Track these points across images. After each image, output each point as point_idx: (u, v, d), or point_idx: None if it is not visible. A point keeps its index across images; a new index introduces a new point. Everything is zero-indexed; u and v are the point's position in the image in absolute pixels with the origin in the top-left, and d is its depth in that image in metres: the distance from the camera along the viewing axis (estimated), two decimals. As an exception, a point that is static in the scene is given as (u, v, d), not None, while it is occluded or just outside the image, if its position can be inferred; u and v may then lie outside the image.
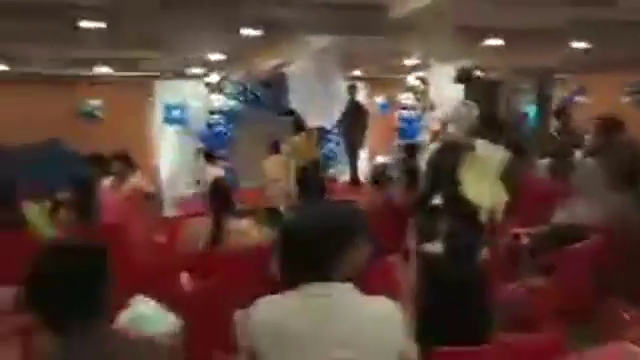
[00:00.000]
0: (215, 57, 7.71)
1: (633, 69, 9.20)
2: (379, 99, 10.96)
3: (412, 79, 9.39)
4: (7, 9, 4.79)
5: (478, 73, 5.00)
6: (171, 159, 10.06)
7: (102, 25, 5.00)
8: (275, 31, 5.63)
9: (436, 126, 4.28)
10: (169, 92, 10.25)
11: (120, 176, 5.44)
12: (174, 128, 10.39)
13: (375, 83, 11.00)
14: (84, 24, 5.03)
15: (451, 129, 4.21)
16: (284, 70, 5.80)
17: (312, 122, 6.76)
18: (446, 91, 7.52)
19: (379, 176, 5.94)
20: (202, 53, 7.37)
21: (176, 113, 10.28)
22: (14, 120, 9.00)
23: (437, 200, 3.97)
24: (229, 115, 8.12)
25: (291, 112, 10.23)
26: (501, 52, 7.40)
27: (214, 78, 8.05)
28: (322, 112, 5.95)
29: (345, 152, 10.47)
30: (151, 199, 5.46)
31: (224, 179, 5.13)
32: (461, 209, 3.72)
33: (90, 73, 9.56)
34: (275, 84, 10.54)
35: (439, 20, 5.29)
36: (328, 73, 5.89)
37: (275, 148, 8.22)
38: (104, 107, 10.28)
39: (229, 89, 8.71)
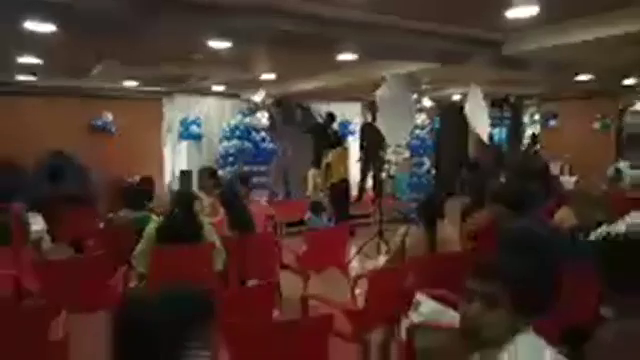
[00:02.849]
0: (266, 77, 7.98)
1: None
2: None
3: (426, 100, 10.21)
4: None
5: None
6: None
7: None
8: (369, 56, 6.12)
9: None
10: (185, 107, 10.25)
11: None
12: (188, 143, 10.38)
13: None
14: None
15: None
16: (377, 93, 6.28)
17: (395, 139, 7.28)
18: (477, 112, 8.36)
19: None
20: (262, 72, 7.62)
21: (193, 128, 10.28)
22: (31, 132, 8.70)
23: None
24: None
25: (308, 130, 10.64)
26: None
27: (260, 96, 8.32)
28: (403, 130, 6.51)
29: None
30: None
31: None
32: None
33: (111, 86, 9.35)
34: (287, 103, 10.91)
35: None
36: (408, 95, 6.45)
37: (316, 162, 8.68)
38: (116, 122, 10.04)
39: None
